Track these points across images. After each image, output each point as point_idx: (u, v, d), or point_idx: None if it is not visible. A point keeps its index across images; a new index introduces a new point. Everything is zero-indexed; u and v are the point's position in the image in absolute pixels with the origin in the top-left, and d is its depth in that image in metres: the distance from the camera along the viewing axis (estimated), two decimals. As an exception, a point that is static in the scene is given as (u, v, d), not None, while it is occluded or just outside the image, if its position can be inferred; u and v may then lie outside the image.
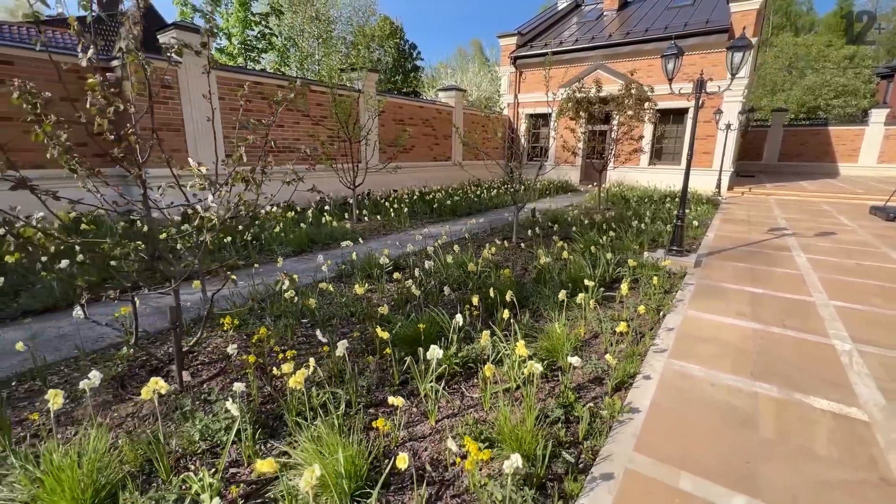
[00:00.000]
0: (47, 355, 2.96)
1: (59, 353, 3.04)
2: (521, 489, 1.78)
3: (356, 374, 2.58)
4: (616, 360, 2.73)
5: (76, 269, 4.31)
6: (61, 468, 1.65)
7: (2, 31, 15.73)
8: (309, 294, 3.66)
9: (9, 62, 6.82)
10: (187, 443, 2.01)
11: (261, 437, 2.11)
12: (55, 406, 1.77)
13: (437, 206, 9.16)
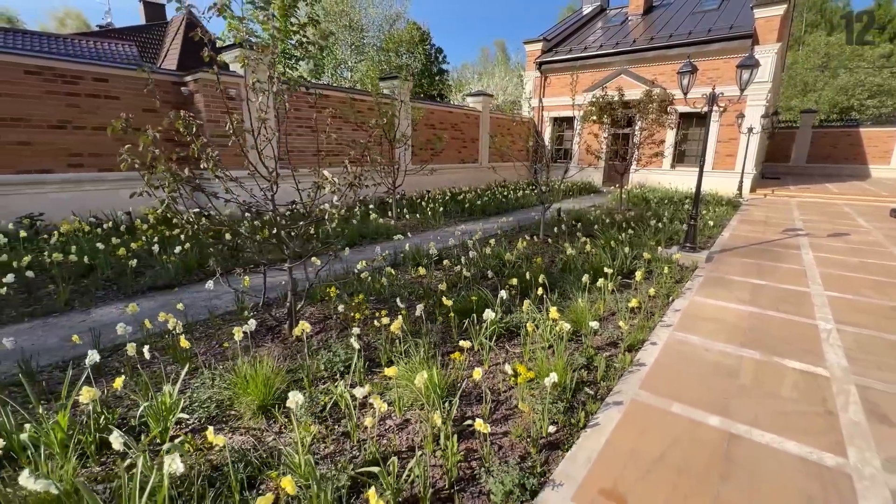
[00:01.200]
0: (178, 319, 3.86)
1: (184, 319, 3.94)
2: (554, 403, 2.53)
3: (429, 331, 3.37)
4: (628, 327, 3.44)
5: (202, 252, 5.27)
6: (248, 375, 2.50)
7: (52, 41, 17.25)
8: (375, 277, 4.49)
9: (104, 79, 7.92)
10: (315, 371, 2.84)
11: (365, 370, 2.92)
12: (238, 336, 2.63)
13: (468, 205, 9.94)
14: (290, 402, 2.00)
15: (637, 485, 2.04)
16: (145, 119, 8.48)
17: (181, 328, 2.93)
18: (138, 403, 2.39)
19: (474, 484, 2.02)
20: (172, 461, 1.53)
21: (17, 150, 7.04)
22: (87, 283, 4.70)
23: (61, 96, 7.46)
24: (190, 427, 2.34)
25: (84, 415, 2.19)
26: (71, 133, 7.63)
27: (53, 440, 2.00)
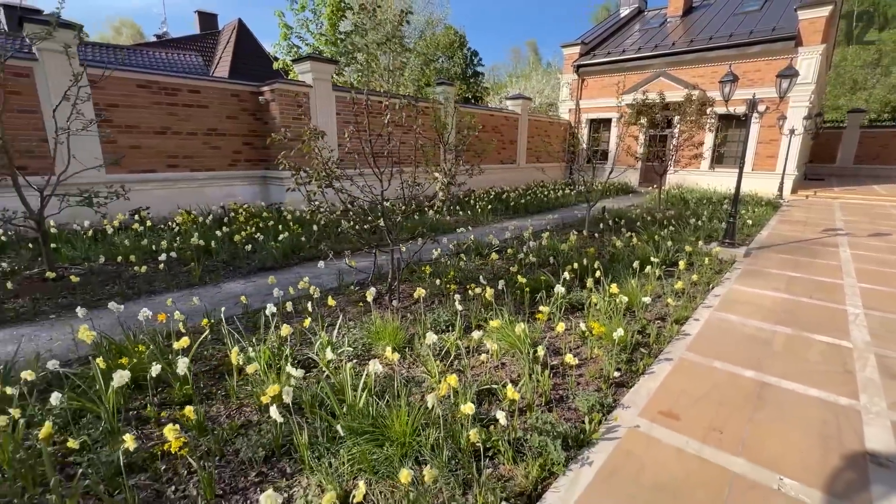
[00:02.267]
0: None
1: (297, 292, 4.81)
2: (618, 355, 3.22)
3: (508, 302, 4.10)
4: (675, 304, 4.07)
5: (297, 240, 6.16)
6: (380, 327, 3.30)
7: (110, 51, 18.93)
8: (452, 262, 5.26)
9: (197, 91, 9.04)
10: (423, 328, 3.62)
11: (462, 329, 3.68)
12: (370, 297, 3.45)
13: (512, 204, 10.62)
14: (427, 339, 2.77)
15: (687, 409, 2.70)
16: (229, 125, 9.66)
17: (318, 293, 3.76)
18: (308, 342, 3.23)
19: (564, 403, 2.74)
20: (374, 363, 2.32)
21: (131, 152, 8.21)
22: (207, 264, 5.68)
23: (164, 106, 8.62)
24: (348, 358, 3.15)
25: (276, 346, 3.04)
26: (170, 138, 8.78)
27: (262, 361, 2.84)
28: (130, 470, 2.09)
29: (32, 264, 5.37)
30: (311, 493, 1.93)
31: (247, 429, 2.39)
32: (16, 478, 1.98)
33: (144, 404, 2.58)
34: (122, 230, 6.62)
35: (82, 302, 4.40)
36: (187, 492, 1.99)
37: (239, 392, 2.70)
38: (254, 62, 23.38)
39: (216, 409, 2.59)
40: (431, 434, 2.18)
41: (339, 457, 2.09)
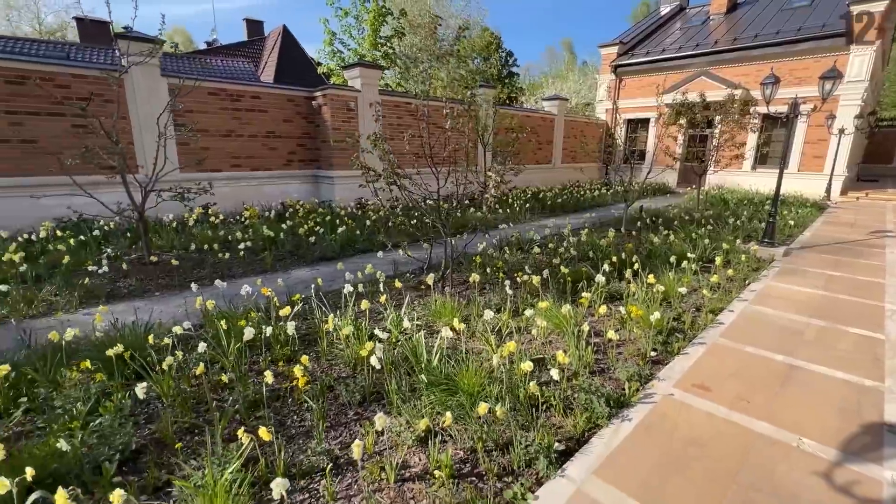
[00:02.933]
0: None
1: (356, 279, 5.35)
2: (655, 337, 3.56)
3: (551, 289, 4.50)
4: (710, 295, 4.34)
5: (352, 233, 6.73)
6: (440, 306, 3.78)
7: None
8: (494, 254, 5.69)
9: (258, 97, 9.86)
10: (477, 310, 4.07)
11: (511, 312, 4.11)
12: (430, 280, 3.93)
13: (549, 203, 10.92)
14: (485, 315, 3.22)
15: (718, 384, 3.03)
16: (285, 127, 10.45)
17: (383, 277, 4.28)
18: (378, 318, 3.75)
19: (605, 374, 3.13)
20: (445, 330, 2.79)
21: (201, 154, 9.08)
22: (275, 253, 6.34)
23: (229, 111, 9.46)
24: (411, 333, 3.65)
25: (354, 318, 3.56)
26: (234, 140, 9.63)
27: (346, 328, 3.37)
28: (255, 407, 2.64)
29: (130, 251, 6.20)
30: (401, 427, 2.42)
31: (338, 383, 2.91)
32: (175, 405, 2.58)
33: (255, 360, 3.16)
34: (199, 223, 7.42)
35: (179, 282, 5.12)
36: (304, 422, 2.52)
37: (328, 354, 3.23)
38: (297, 67, 24.49)
39: (311, 368, 3.13)
40: (494, 388, 2.62)
41: (420, 402, 2.57)
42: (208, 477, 1.86)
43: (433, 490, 2.04)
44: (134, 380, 2.87)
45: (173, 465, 2.16)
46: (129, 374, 2.87)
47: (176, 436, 2.35)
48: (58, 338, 2.87)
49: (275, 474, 2.07)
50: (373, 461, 2.19)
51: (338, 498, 2.01)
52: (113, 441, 2.16)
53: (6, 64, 7.00)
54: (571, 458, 2.29)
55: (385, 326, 3.54)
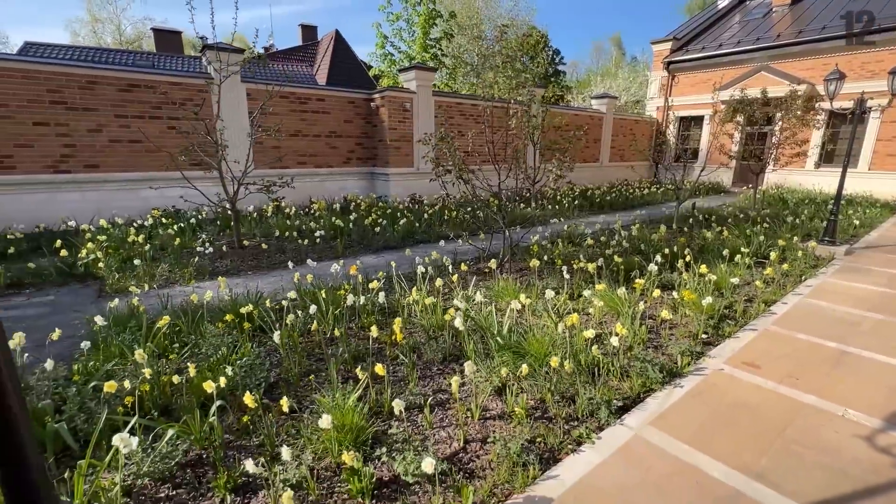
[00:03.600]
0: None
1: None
2: (706, 322, 3.80)
3: (606, 276, 4.80)
4: (764, 287, 4.49)
5: (412, 225, 7.27)
6: (502, 288, 4.19)
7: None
8: (548, 246, 6.02)
9: (322, 99, 10.65)
10: (536, 292, 4.45)
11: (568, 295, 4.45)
12: (493, 265, 4.35)
13: (598, 200, 11.05)
14: (547, 294, 3.60)
15: (768, 363, 3.25)
16: (345, 127, 11.21)
17: (449, 262, 4.74)
18: (447, 297, 4.22)
19: (658, 350, 3.43)
20: (514, 303, 3.20)
21: (273, 152, 9.97)
22: (343, 242, 6.98)
23: (297, 113, 10.31)
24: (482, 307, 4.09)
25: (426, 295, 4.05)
26: (300, 139, 10.47)
27: (428, 301, 3.86)
28: (355, 361, 3.17)
29: (219, 237, 7.04)
30: (481, 379, 2.86)
31: (420, 346, 3.40)
32: (295, 353, 3.15)
33: (349, 326, 3.71)
34: (275, 214, 8.23)
35: (267, 264, 5.84)
36: (397, 374, 3.02)
37: (408, 322, 3.73)
38: (348, 70, 25.59)
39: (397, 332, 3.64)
40: (558, 352, 3.01)
41: (493, 361, 3.00)
42: (338, 399, 2.38)
43: (511, 426, 2.46)
44: (258, 334, 3.49)
45: (301, 395, 2.71)
46: (251, 331, 3.49)
47: (296, 377, 2.91)
48: (196, 299, 3.53)
49: (383, 407, 2.57)
50: (458, 404, 2.64)
51: (434, 427, 2.48)
52: (256, 374, 2.75)
53: (121, 74, 8.08)
54: (628, 412, 2.64)
55: (455, 303, 3.99)
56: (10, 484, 0.97)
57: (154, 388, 2.53)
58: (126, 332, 3.25)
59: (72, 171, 7.86)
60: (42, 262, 5.39)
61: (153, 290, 4.77)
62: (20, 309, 4.37)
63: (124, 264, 5.39)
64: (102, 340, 3.07)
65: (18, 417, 0.96)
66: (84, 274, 5.25)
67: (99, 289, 4.90)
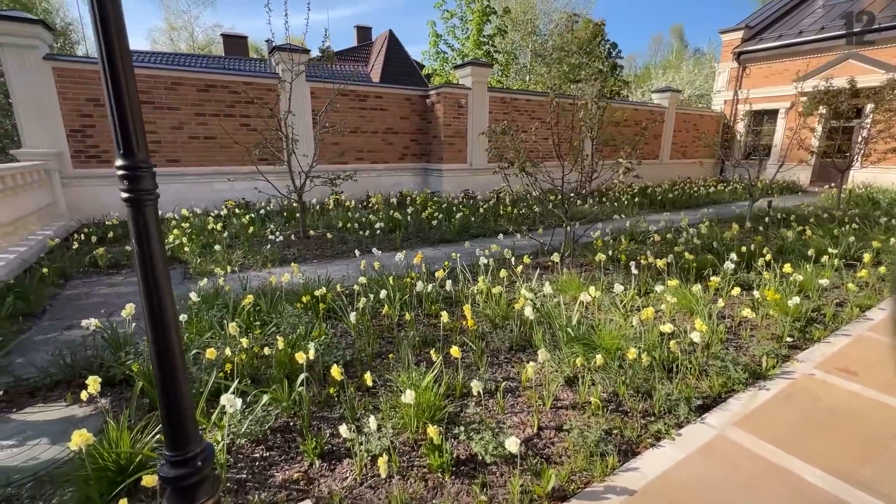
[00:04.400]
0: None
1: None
2: (792, 325, 3.54)
3: (676, 274, 4.61)
4: (857, 290, 4.12)
5: (467, 220, 7.32)
6: (566, 282, 4.13)
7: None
8: (610, 242, 5.85)
9: (380, 96, 10.93)
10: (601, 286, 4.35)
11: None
12: (556, 259, 4.30)
13: (659, 198, 10.57)
14: (615, 288, 3.50)
15: (865, 370, 2.99)
16: (401, 124, 11.44)
17: (511, 255, 4.74)
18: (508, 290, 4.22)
19: (741, 348, 3.24)
20: (584, 295, 3.15)
21: (332, 148, 10.36)
22: (401, 234, 7.14)
23: (356, 110, 10.65)
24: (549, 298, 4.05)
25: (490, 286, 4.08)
26: (359, 136, 10.81)
27: (496, 291, 3.88)
28: (423, 345, 3.25)
29: (286, 227, 7.44)
30: (551, 369, 2.84)
31: (486, 335, 3.43)
32: (366, 335, 3.29)
33: (416, 312, 3.81)
34: (336, 207, 8.57)
35: (331, 253, 6.11)
36: (465, 360, 3.07)
37: (473, 312, 3.77)
38: (401, 68, 26.06)
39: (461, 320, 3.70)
40: (630, 346, 2.92)
41: (562, 352, 2.97)
42: (414, 377, 2.46)
43: (585, 416, 2.43)
44: (330, 317, 3.67)
45: (375, 374, 2.82)
46: (324, 313, 3.67)
47: (369, 357, 3.03)
48: (273, 281, 3.76)
49: (454, 390, 2.62)
50: (530, 391, 2.64)
51: (505, 412, 2.50)
52: (333, 353, 2.89)
53: (200, 76, 8.73)
54: (709, 411, 2.53)
55: (523, 292, 3.97)
56: (170, 408, 1.27)
57: (246, 357, 2.74)
58: (214, 309, 3.53)
59: (157, 165, 8.58)
60: (135, 245, 5.96)
61: (232, 273, 5.14)
62: (120, 286, 4.85)
63: (204, 249, 5.83)
64: (195, 315, 3.35)
65: (179, 368, 1.19)
66: (170, 258, 5.74)
67: (184, 271, 5.33)
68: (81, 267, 5.36)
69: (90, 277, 5.15)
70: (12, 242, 5.55)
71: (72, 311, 4.19)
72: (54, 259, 5.33)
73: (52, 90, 7.59)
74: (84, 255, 5.53)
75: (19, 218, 5.92)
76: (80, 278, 5.11)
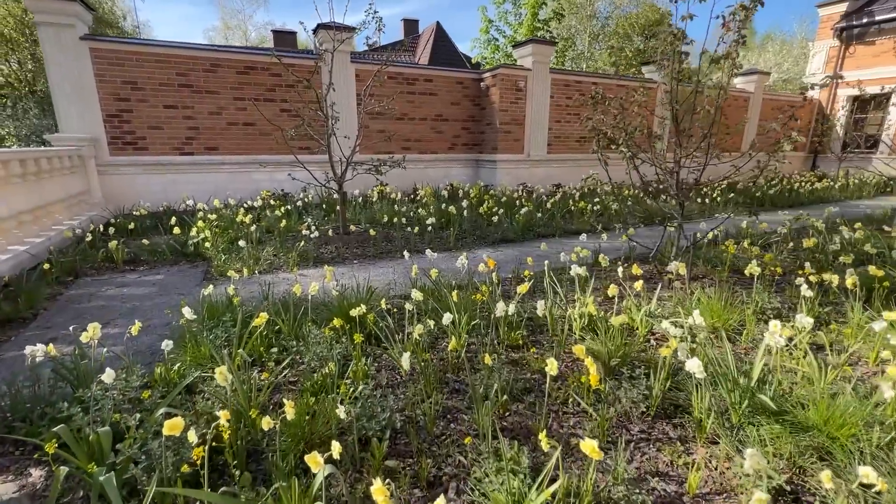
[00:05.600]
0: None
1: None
2: None
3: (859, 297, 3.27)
4: None
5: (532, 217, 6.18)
6: (703, 303, 2.91)
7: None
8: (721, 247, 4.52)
9: (430, 80, 9.92)
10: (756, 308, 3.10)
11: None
12: (680, 270, 3.09)
13: (758, 194, 8.92)
14: (800, 321, 2.26)
15: None
16: (452, 110, 10.38)
17: (607, 262, 3.56)
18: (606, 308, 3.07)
19: None
20: (771, 334, 1.95)
21: (377, 136, 9.48)
22: (455, 232, 6.10)
23: (405, 94, 9.69)
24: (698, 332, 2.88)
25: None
26: (406, 123, 9.86)
27: (581, 320, 2.75)
28: (513, 397, 2.18)
29: (325, 221, 6.59)
30: (737, 467, 1.68)
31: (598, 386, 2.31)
32: (425, 377, 2.25)
33: (489, 339, 2.75)
34: (379, 200, 7.67)
35: (374, 252, 5.16)
36: (576, 429, 1.96)
37: (565, 343, 2.65)
38: (448, 60, 25.07)
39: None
40: (876, 434, 1.70)
41: (744, 434, 1.80)
42: (512, 485, 1.38)
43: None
44: (369, 339, 2.68)
45: (440, 456, 1.78)
46: (363, 336, 2.68)
47: (430, 420, 1.99)
48: (299, 292, 2.82)
49: (580, 498, 1.52)
50: (710, 511, 1.50)
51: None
52: (376, 416, 1.87)
53: (239, 56, 8.09)
54: None
55: (666, 326, 2.80)
56: None
57: (239, 422, 1.77)
58: (219, 328, 2.63)
59: (194, 153, 8.04)
60: (158, 240, 5.28)
61: (256, 275, 4.29)
62: (130, 287, 4.12)
63: (231, 245, 5.05)
64: (192, 338, 2.45)
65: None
66: (195, 254, 5.00)
67: (205, 271, 4.56)
68: (95, 263, 4.71)
69: (102, 275, 4.47)
70: (30, 233, 5.00)
71: (66, 317, 3.46)
72: (69, 253, 4.72)
73: (89, 72, 7.15)
74: (99, 249, 4.89)
75: (42, 206, 5.39)
76: (91, 276, 4.45)
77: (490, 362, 2.07)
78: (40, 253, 4.58)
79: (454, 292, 2.71)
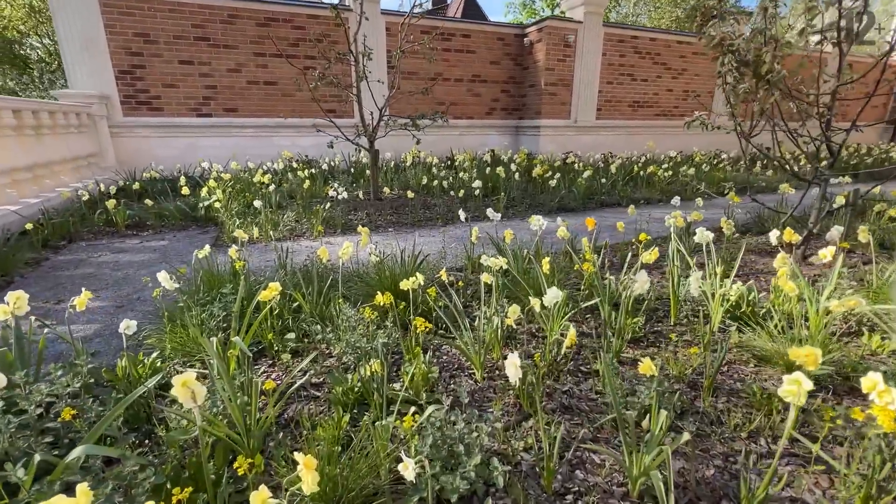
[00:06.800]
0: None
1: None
2: None
3: None
4: None
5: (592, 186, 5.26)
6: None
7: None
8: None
9: (468, 35, 8.89)
10: None
11: None
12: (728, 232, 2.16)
13: (853, 162, 7.64)
14: None
15: None
16: (491, 71, 9.35)
17: (731, 230, 2.65)
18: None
19: None
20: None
21: (408, 98, 8.54)
22: (504, 199, 5.24)
23: (439, 52, 8.69)
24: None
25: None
26: (439, 84, 8.87)
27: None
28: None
29: (353, 188, 5.83)
30: None
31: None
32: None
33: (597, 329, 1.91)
34: (413, 166, 6.85)
35: (411, 220, 4.38)
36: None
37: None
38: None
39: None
40: None
41: None
42: None
43: None
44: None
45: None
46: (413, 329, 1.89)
47: (547, 478, 1.19)
48: (326, 256, 2.04)
49: None
50: None
51: None
52: (456, 453, 1.08)
53: (259, 6, 7.26)
54: None
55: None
56: None
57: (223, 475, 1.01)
58: (216, 303, 1.89)
59: (213, 114, 7.36)
60: (168, 204, 4.63)
61: (274, 243, 3.57)
62: (128, 254, 3.47)
63: (248, 209, 4.35)
64: (177, 316, 1.72)
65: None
66: (206, 218, 4.33)
67: (215, 236, 3.87)
68: (94, 227, 4.09)
69: (100, 239, 3.85)
70: (26, 192, 4.43)
71: (44, 286, 2.83)
72: (65, 216, 4.11)
73: (98, 23, 6.49)
74: (99, 212, 4.27)
75: (41, 164, 4.80)
76: (87, 240, 3.83)
77: (606, 363, 1.24)
78: (33, 214, 3.98)
79: (545, 259, 1.87)
